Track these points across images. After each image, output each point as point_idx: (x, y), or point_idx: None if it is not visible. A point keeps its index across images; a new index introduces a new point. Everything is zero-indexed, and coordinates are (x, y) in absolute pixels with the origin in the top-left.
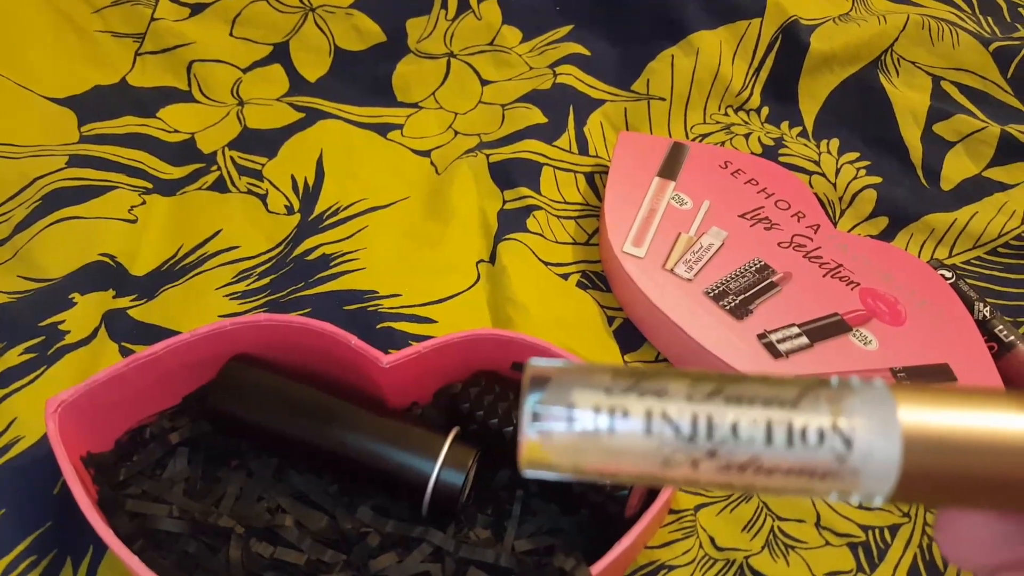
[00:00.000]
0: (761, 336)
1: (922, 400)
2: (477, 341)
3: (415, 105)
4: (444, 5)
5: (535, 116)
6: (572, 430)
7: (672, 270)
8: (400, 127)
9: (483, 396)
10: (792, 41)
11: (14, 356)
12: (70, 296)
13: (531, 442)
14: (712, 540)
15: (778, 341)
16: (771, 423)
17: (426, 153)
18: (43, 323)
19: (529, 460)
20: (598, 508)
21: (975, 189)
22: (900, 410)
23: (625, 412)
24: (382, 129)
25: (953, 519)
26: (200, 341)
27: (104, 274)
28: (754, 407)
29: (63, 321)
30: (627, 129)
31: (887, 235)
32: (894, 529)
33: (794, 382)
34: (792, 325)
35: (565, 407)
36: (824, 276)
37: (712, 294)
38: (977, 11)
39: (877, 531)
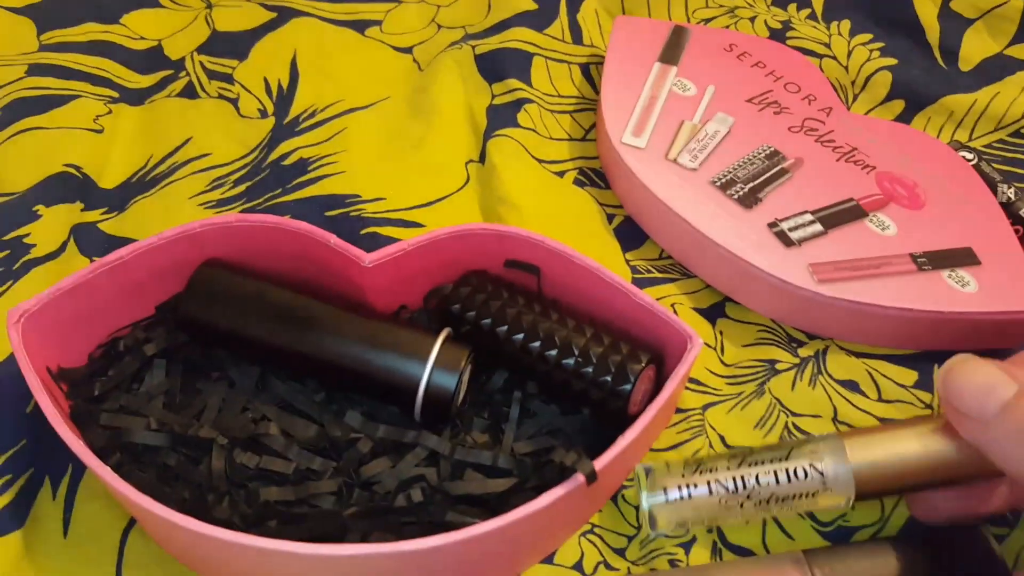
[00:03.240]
0: (772, 225)
1: (859, 437)
2: (467, 237)
3: None
4: None
5: (523, 2)
6: (668, 499)
7: (675, 160)
8: (379, 23)
9: (474, 295)
10: None
11: None
12: (34, 208)
13: (652, 510)
14: (722, 439)
15: (790, 229)
16: (776, 472)
17: (407, 50)
18: (7, 237)
19: (653, 523)
20: (599, 405)
21: (996, 69)
22: (848, 448)
23: (695, 484)
24: (359, 26)
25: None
26: (169, 245)
27: (70, 186)
28: (765, 464)
29: (28, 234)
30: (624, 13)
31: (903, 119)
32: None
33: (782, 445)
34: (805, 212)
35: (662, 489)
36: (838, 160)
37: (719, 183)
38: None
39: None
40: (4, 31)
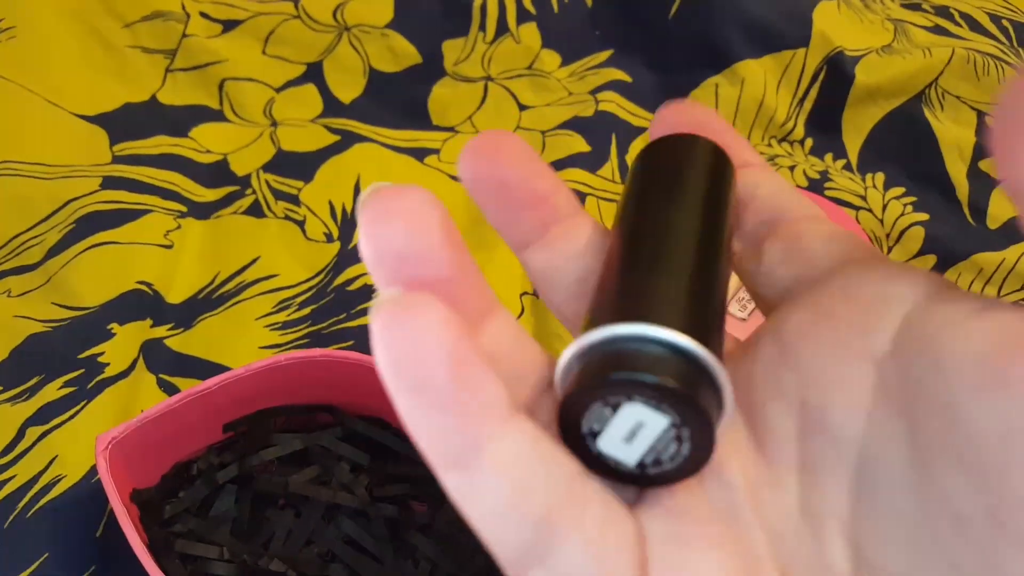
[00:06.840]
0: None
1: None
2: None
3: (451, 129)
4: (482, 27)
5: (578, 144)
6: None
7: (728, 310)
8: (437, 152)
9: None
10: (837, 72)
11: (53, 390)
12: (108, 327)
13: None
14: None
15: None
16: None
17: None
18: (82, 355)
19: None
20: None
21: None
22: None
23: None
24: (419, 154)
25: None
26: (253, 376)
27: (142, 302)
28: None
29: (102, 353)
30: None
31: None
32: None
33: None
34: None
35: None
36: None
37: None
38: (1015, 42)
39: None
40: (79, 140)
